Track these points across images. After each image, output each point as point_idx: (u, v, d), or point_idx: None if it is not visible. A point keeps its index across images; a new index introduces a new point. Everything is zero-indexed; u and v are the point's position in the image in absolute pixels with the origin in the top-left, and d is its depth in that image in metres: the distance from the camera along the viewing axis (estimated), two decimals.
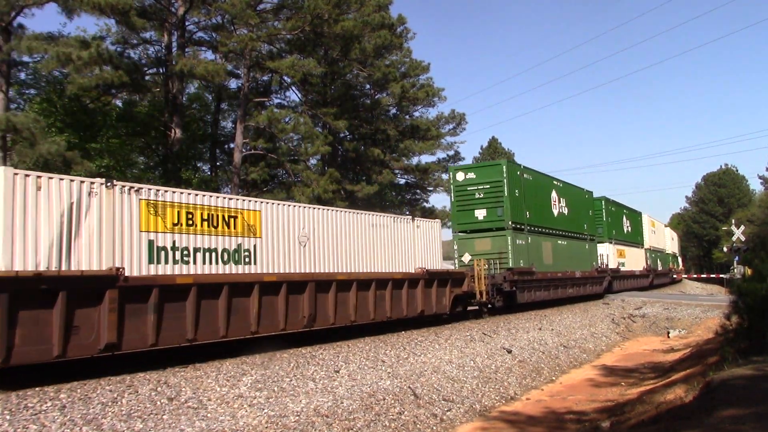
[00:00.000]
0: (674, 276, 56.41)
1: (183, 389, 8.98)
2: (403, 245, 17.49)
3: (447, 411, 10.18)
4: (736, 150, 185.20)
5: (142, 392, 8.63)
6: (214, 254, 12.16)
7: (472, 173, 23.53)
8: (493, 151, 65.53)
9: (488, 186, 22.85)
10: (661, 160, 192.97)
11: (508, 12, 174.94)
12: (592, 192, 33.10)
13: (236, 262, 12.60)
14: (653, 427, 6.74)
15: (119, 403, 8.16)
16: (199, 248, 11.89)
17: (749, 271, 12.89)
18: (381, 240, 16.67)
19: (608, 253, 34.25)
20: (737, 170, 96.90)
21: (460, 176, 23.57)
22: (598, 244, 33.05)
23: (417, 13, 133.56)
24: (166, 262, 11.23)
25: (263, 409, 8.60)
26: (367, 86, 40.94)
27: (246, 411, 8.48)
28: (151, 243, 11.03)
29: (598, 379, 13.89)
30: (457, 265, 21.30)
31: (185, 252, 11.60)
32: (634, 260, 39.91)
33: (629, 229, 40.28)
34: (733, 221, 63.03)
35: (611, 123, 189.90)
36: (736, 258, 48.86)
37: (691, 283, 67.98)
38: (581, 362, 16.12)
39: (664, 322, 24.63)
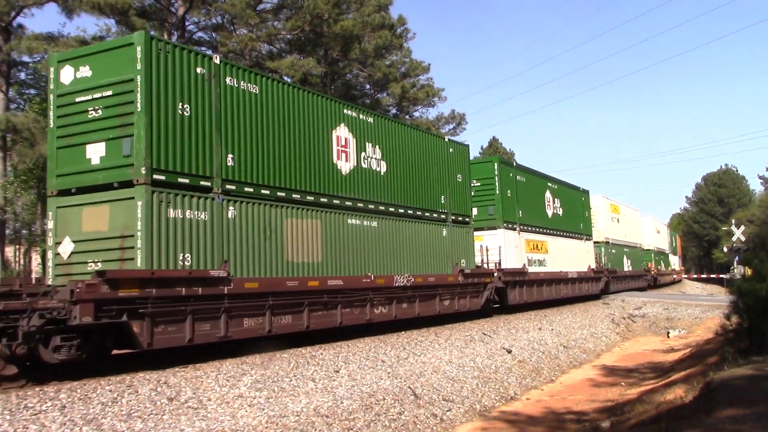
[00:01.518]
0: (657, 278, 46.95)
1: (183, 389, 8.98)
2: None
3: (447, 411, 10.18)
4: (736, 150, 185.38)
5: (142, 392, 8.63)
6: None
7: (88, 66, 11.11)
8: (494, 151, 65.42)
9: (111, 93, 10.75)
10: (661, 160, 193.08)
11: (508, 12, 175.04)
12: (467, 146, 20.98)
13: None
14: (653, 427, 6.74)
15: (119, 403, 8.15)
16: None
17: (749, 271, 12.89)
18: None
19: (503, 245, 22.18)
20: (737, 170, 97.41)
21: (66, 74, 11.27)
22: (485, 232, 22.04)
23: (417, 13, 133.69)
24: None
25: (263, 409, 8.60)
26: (368, 86, 41.01)
27: (246, 411, 8.48)
28: None
29: (598, 379, 13.89)
30: (52, 262, 10.96)
31: None
32: (569, 257, 28.06)
33: (559, 212, 27.82)
34: (733, 221, 63.03)
35: (611, 123, 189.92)
36: (736, 258, 48.85)
37: (691, 283, 68.22)
38: (581, 362, 16.12)
39: (664, 322, 24.65)
